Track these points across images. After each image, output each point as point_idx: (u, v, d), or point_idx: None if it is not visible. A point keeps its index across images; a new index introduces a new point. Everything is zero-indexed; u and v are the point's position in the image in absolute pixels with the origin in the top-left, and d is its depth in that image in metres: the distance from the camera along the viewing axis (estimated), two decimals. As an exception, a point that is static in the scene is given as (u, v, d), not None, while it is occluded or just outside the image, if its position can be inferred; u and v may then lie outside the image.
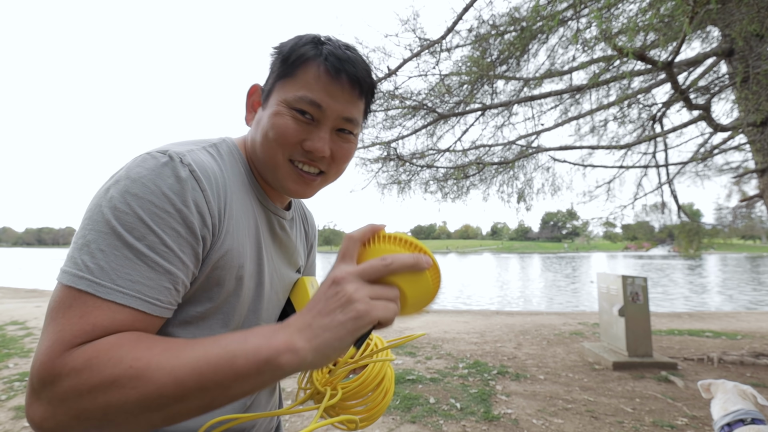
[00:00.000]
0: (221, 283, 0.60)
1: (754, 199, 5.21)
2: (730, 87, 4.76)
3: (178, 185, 0.53)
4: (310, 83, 0.63)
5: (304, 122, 0.64)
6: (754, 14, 3.50)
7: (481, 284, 19.34)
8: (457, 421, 3.12)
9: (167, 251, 0.51)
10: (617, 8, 4.08)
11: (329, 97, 0.63)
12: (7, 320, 7.27)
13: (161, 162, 0.54)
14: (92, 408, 0.43)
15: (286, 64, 0.64)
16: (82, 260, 0.48)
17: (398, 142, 5.72)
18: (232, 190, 0.63)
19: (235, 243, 0.61)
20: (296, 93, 0.63)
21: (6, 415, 3.17)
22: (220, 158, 0.64)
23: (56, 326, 0.46)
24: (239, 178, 0.66)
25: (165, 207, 0.52)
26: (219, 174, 0.60)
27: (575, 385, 3.97)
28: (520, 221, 8.42)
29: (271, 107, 0.65)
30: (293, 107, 0.63)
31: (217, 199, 0.58)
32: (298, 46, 0.64)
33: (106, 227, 0.49)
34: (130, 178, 0.52)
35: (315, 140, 0.64)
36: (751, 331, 6.87)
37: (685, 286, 18.20)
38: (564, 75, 5.52)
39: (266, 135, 0.65)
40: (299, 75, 0.63)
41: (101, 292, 0.47)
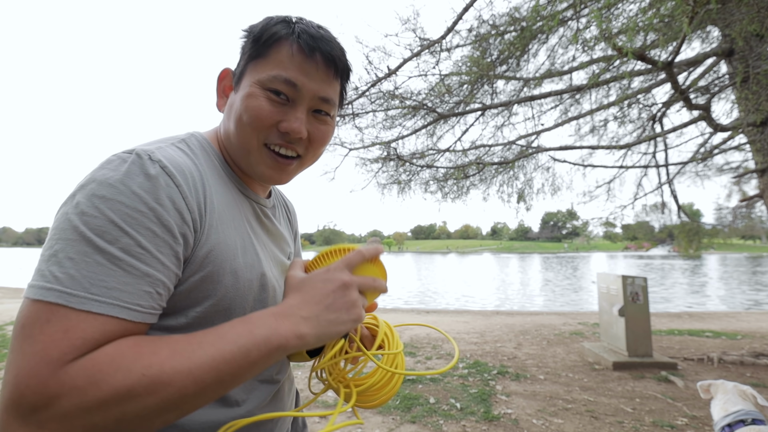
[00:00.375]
0: (216, 279, 0.57)
1: (754, 199, 5.21)
2: (730, 87, 4.76)
3: (149, 183, 0.50)
4: (283, 62, 0.61)
5: (279, 103, 0.61)
6: (754, 14, 3.50)
7: (481, 284, 19.34)
8: (457, 421, 3.12)
9: (143, 253, 0.48)
10: (617, 8, 4.08)
11: (304, 76, 0.61)
12: (7, 320, 7.27)
13: (128, 161, 0.51)
14: (104, 421, 0.42)
15: (258, 44, 0.62)
16: (50, 271, 0.45)
17: (398, 142, 5.73)
18: (210, 183, 0.60)
19: (222, 236, 0.59)
20: (270, 72, 0.61)
21: (6, 415, 3.17)
22: (192, 152, 0.61)
23: (35, 345, 0.42)
24: (214, 170, 0.63)
25: (137, 206, 0.48)
26: (193, 168, 0.57)
27: (575, 385, 3.97)
28: (520, 221, 8.45)
29: (243, 89, 0.62)
30: (267, 87, 0.61)
31: (194, 193, 0.55)
32: (270, 25, 0.62)
33: (74, 234, 0.46)
34: (96, 180, 0.49)
35: (291, 120, 0.62)
36: (751, 331, 6.87)
37: (685, 286, 18.20)
38: (564, 75, 5.52)
39: (240, 118, 0.62)
40: (272, 55, 0.61)
41: (74, 302, 0.43)
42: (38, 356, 0.41)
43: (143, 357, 0.44)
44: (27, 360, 0.41)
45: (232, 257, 0.60)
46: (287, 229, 0.86)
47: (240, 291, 0.61)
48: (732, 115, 5.51)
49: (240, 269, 0.60)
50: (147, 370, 0.43)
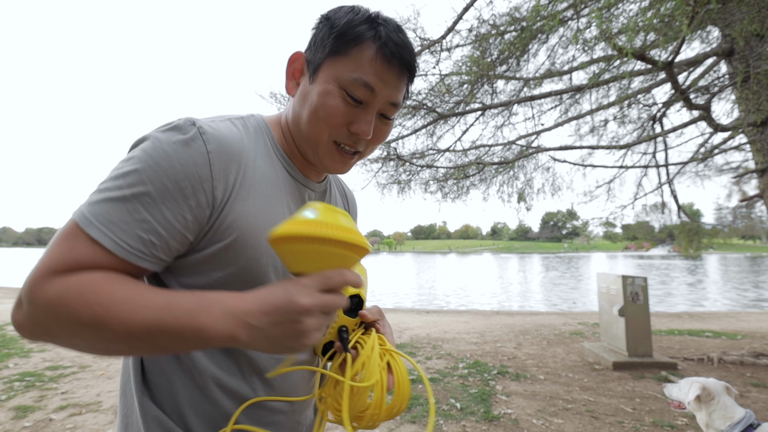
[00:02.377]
0: (239, 249, 0.61)
1: (754, 199, 5.21)
2: (731, 87, 4.76)
3: (180, 145, 0.56)
4: (364, 65, 0.62)
5: (353, 105, 0.64)
6: (755, 14, 3.50)
7: (481, 284, 19.34)
8: (457, 421, 3.12)
9: (150, 202, 0.53)
10: (617, 8, 4.08)
11: (381, 82, 0.64)
12: (7, 320, 7.27)
13: (177, 124, 0.58)
14: (59, 333, 0.50)
15: (341, 40, 0.63)
16: (88, 197, 0.54)
17: (398, 141, 5.73)
18: (253, 159, 0.64)
19: (250, 209, 0.62)
20: (351, 74, 0.62)
21: (6, 415, 3.17)
22: (245, 129, 0.66)
23: (49, 251, 0.52)
24: (264, 149, 0.67)
25: (160, 162, 0.54)
26: (237, 141, 0.62)
27: (575, 385, 3.97)
28: (520, 221, 8.41)
29: (321, 84, 0.64)
30: (345, 89, 0.63)
31: (226, 163, 0.59)
32: (354, 24, 0.63)
33: (114, 173, 0.55)
34: (148, 137, 0.57)
35: (362, 123, 0.65)
36: (751, 331, 6.87)
37: (685, 286, 18.20)
38: (564, 75, 5.52)
39: (315, 112, 0.64)
40: (353, 54, 0.63)
41: (84, 224, 0.52)
42: (46, 262, 0.51)
43: (101, 294, 0.49)
44: (40, 262, 0.51)
45: (258, 230, 0.62)
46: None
47: (261, 265, 0.63)
48: (732, 115, 5.52)
49: (264, 243, 0.62)
50: (97, 307, 0.48)
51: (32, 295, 0.49)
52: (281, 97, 5.06)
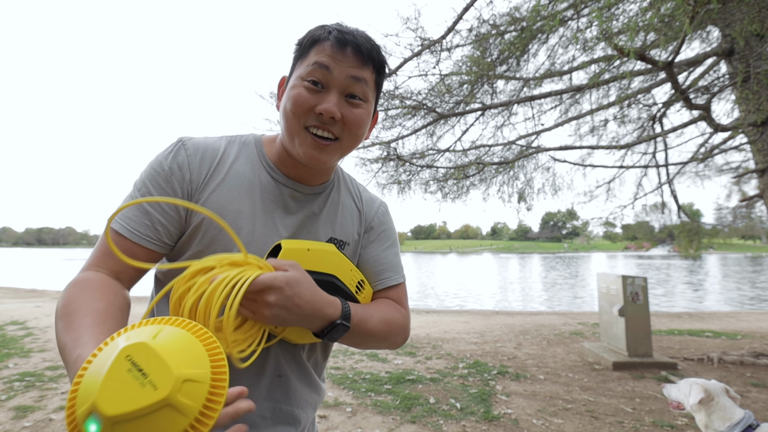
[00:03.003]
0: (203, 230, 0.74)
1: (754, 199, 5.21)
2: (731, 87, 4.75)
3: (170, 156, 0.75)
4: (318, 55, 0.71)
5: (316, 90, 0.71)
6: (755, 14, 3.50)
7: (482, 284, 19.34)
8: (457, 421, 3.12)
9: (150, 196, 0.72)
10: (617, 8, 4.07)
11: (334, 61, 0.71)
12: (7, 320, 7.26)
13: (170, 144, 0.77)
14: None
15: (301, 47, 0.75)
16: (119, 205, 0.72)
17: (398, 142, 5.72)
18: (232, 162, 0.78)
19: (217, 198, 0.74)
20: (307, 66, 0.72)
21: (6, 415, 3.17)
22: (230, 143, 0.80)
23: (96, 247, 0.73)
24: (248, 158, 0.79)
25: (156, 169, 0.74)
26: (214, 149, 0.77)
27: (575, 385, 3.97)
28: (520, 221, 8.43)
29: (290, 85, 0.75)
30: (305, 79, 0.72)
31: (200, 163, 0.75)
32: (310, 32, 0.75)
33: (132, 186, 0.76)
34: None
35: (324, 103, 0.71)
36: (751, 331, 6.87)
37: (685, 286, 18.20)
38: (564, 75, 5.52)
39: (285, 108, 0.74)
40: (311, 53, 0.73)
41: (113, 222, 0.70)
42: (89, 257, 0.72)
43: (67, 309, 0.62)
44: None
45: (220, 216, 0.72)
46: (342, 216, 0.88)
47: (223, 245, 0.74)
48: (732, 115, 5.52)
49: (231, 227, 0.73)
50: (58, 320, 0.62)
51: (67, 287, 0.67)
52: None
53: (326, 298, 0.69)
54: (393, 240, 0.95)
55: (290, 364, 0.79)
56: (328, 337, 0.71)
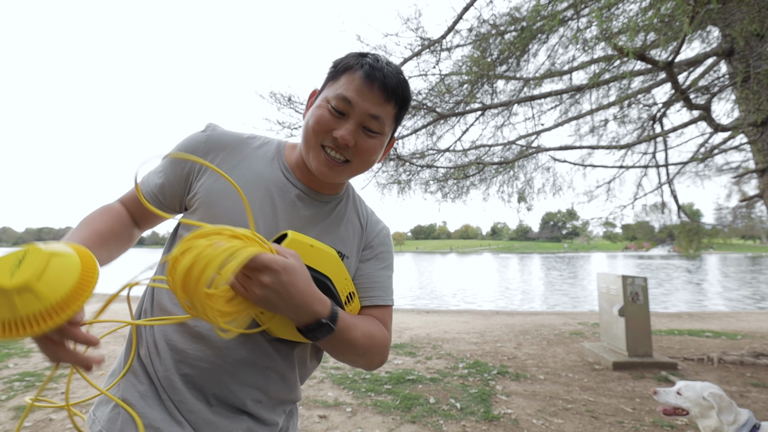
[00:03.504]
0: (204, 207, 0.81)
1: (754, 199, 5.21)
2: (731, 87, 4.75)
3: (194, 137, 0.87)
4: (346, 85, 0.77)
5: (337, 116, 0.78)
6: (755, 14, 3.50)
7: (482, 284, 19.34)
8: (457, 421, 3.12)
9: (163, 164, 0.87)
10: (618, 8, 4.07)
11: (358, 96, 0.77)
12: (6, 320, 7.26)
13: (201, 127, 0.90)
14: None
15: (335, 70, 0.81)
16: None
17: (398, 141, 5.72)
18: (250, 157, 0.86)
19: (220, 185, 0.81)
20: (335, 92, 0.78)
21: (6, 415, 3.17)
22: (255, 140, 0.90)
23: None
24: (267, 156, 0.88)
25: (179, 146, 0.86)
26: (235, 141, 0.87)
27: (575, 385, 3.97)
28: (521, 221, 8.41)
29: (316, 103, 0.82)
30: (330, 103, 0.78)
31: (214, 148, 0.85)
32: (346, 58, 0.81)
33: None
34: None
35: (341, 130, 0.77)
36: (751, 331, 6.86)
37: (685, 286, 18.20)
38: (564, 75, 5.51)
39: (308, 124, 0.80)
40: (341, 79, 0.79)
41: (141, 181, 0.90)
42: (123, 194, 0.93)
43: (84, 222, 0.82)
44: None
45: (220, 201, 0.80)
46: (345, 229, 0.90)
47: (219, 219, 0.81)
48: (732, 115, 5.52)
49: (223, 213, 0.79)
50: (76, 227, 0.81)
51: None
52: (281, 97, 5.06)
53: (318, 295, 0.69)
54: (389, 263, 0.96)
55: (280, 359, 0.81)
56: (312, 335, 0.70)
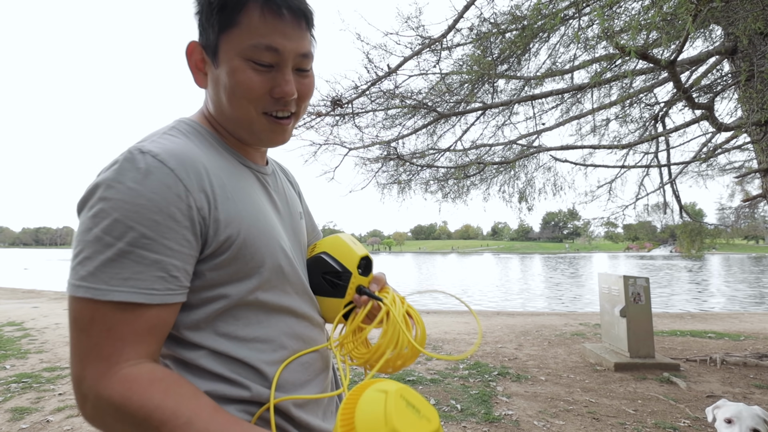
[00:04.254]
0: (244, 245, 0.62)
1: (757, 199, 5.17)
2: (734, 86, 4.72)
3: (142, 176, 0.54)
4: (257, 28, 0.61)
5: (265, 71, 0.63)
6: (759, 12, 3.46)
7: (482, 284, 19.31)
8: (458, 423, 3.09)
9: (149, 242, 0.53)
10: (619, 6, 4.05)
11: (282, 38, 0.62)
12: (4, 321, 7.25)
13: (123, 159, 0.56)
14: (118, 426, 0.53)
15: (224, 12, 0.61)
16: (77, 270, 0.53)
17: (398, 141, 5.69)
18: (210, 160, 0.63)
19: (240, 205, 0.63)
20: (249, 41, 0.61)
21: (3, 417, 3.15)
22: (184, 136, 0.64)
23: (90, 339, 0.53)
24: (211, 148, 0.66)
25: (135, 201, 0.53)
26: (188, 150, 0.60)
27: (576, 386, 3.94)
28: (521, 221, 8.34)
29: (225, 64, 0.63)
30: (250, 59, 0.62)
31: (194, 174, 0.58)
32: None
33: (88, 234, 0.53)
34: (100, 185, 0.55)
35: (282, 85, 0.64)
36: (754, 332, 6.82)
37: (688, 286, 18.15)
38: (565, 74, 5.48)
39: (233, 93, 0.63)
40: (243, 21, 0.61)
41: (98, 295, 0.52)
42: (94, 351, 0.53)
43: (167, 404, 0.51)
44: (87, 350, 0.53)
45: (253, 225, 0.64)
46: (291, 190, 0.88)
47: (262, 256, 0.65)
48: (735, 115, 5.48)
49: (262, 235, 0.65)
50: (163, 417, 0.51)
51: (96, 395, 0.52)
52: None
53: None
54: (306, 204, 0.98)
55: None
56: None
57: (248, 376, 0.63)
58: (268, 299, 0.66)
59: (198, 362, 0.61)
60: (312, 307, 0.75)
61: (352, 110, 5.16)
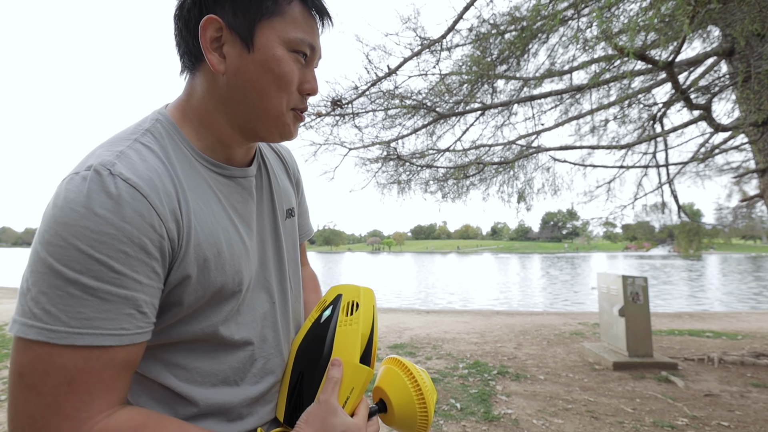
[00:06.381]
0: (209, 274, 0.57)
1: (755, 199, 5.20)
2: (731, 87, 4.75)
3: (112, 201, 0.47)
4: (299, 22, 0.60)
5: (301, 64, 0.62)
6: (756, 14, 3.49)
7: (482, 285, 19.33)
8: (458, 422, 3.11)
9: (118, 277, 0.47)
10: (618, 8, 4.07)
11: (316, 36, 0.62)
12: (6, 320, 7.26)
13: (87, 180, 0.48)
14: None
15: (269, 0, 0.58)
16: (28, 307, 0.45)
17: (398, 141, 5.71)
18: (183, 179, 0.57)
19: (203, 233, 0.57)
20: (294, 34, 0.59)
21: (4, 416, 3.16)
22: (158, 145, 0.57)
23: (44, 397, 0.44)
24: (184, 159, 0.59)
25: (103, 230, 0.46)
26: (161, 169, 0.54)
27: (575, 385, 3.96)
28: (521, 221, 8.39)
29: (267, 50, 0.58)
30: (295, 50, 0.60)
31: (166, 200, 0.52)
32: None
33: (43, 267, 0.45)
34: (57, 206, 0.47)
35: (312, 81, 0.63)
36: (751, 331, 6.86)
37: (686, 286, 18.19)
38: (564, 75, 5.50)
39: (273, 84, 0.59)
40: (287, 13, 0.58)
41: (55, 338, 0.44)
42: (52, 410, 0.44)
43: None
44: (41, 411, 0.44)
45: (216, 252, 0.58)
46: (284, 177, 0.82)
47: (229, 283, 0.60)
48: (733, 115, 5.51)
49: (228, 262, 0.60)
50: None
51: None
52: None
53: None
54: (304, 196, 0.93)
55: None
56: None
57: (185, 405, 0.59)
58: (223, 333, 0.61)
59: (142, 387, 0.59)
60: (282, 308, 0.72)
61: (352, 110, 5.18)
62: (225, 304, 0.61)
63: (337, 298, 0.73)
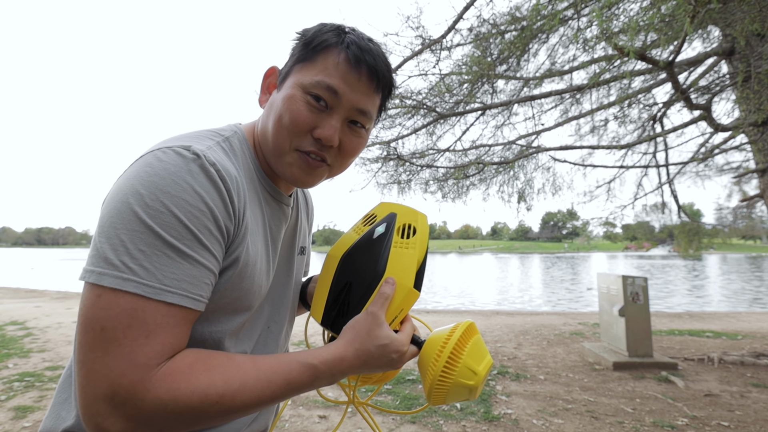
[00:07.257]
0: (239, 280, 0.61)
1: (755, 199, 5.21)
2: (731, 87, 4.75)
3: (209, 183, 0.54)
4: (328, 69, 0.61)
5: (317, 109, 0.62)
6: (756, 13, 3.49)
7: (482, 285, 19.33)
8: (457, 422, 3.11)
9: (203, 249, 0.53)
10: (618, 7, 4.07)
11: (346, 85, 0.62)
12: (6, 320, 7.26)
13: (189, 158, 0.54)
14: (178, 427, 0.50)
15: (307, 48, 0.63)
16: (122, 261, 0.48)
17: (398, 141, 5.71)
18: (245, 189, 0.62)
19: (249, 243, 0.62)
20: (314, 77, 0.61)
21: (6, 416, 3.17)
22: (233, 155, 0.63)
23: (123, 347, 0.47)
24: (248, 175, 0.65)
25: (198, 205, 0.52)
26: (236, 174, 0.59)
27: (575, 385, 3.96)
28: (521, 221, 8.41)
29: (285, 90, 0.63)
30: (308, 92, 0.61)
31: (238, 199, 0.58)
32: (321, 32, 0.63)
33: (141, 226, 0.49)
34: (158, 174, 0.52)
35: (326, 128, 0.62)
36: (751, 331, 6.86)
37: (686, 286, 18.19)
38: (564, 74, 5.51)
39: (279, 119, 0.62)
40: (319, 60, 0.62)
41: (151, 293, 0.48)
42: (127, 359, 0.47)
43: (218, 386, 0.51)
44: (117, 361, 0.47)
45: (254, 263, 0.63)
46: (307, 220, 0.89)
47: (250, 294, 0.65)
48: (733, 115, 5.51)
49: (255, 279, 0.64)
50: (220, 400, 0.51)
51: (135, 397, 0.47)
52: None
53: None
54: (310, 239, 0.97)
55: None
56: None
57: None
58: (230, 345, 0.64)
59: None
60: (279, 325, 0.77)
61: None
62: (238, 315, 0.64)
63: (391, 217, 0.72)
